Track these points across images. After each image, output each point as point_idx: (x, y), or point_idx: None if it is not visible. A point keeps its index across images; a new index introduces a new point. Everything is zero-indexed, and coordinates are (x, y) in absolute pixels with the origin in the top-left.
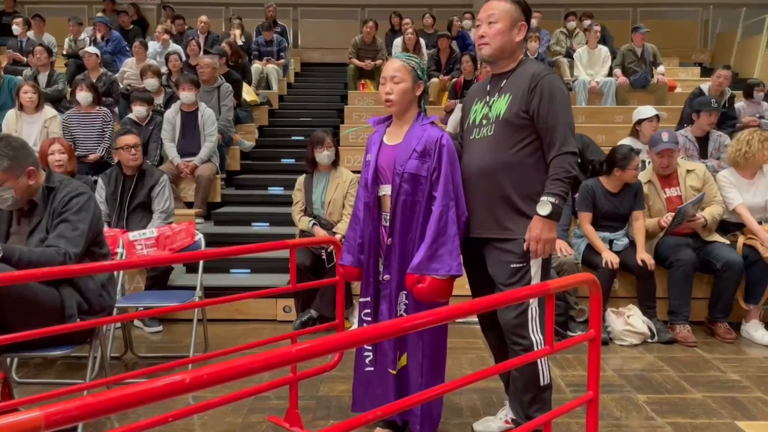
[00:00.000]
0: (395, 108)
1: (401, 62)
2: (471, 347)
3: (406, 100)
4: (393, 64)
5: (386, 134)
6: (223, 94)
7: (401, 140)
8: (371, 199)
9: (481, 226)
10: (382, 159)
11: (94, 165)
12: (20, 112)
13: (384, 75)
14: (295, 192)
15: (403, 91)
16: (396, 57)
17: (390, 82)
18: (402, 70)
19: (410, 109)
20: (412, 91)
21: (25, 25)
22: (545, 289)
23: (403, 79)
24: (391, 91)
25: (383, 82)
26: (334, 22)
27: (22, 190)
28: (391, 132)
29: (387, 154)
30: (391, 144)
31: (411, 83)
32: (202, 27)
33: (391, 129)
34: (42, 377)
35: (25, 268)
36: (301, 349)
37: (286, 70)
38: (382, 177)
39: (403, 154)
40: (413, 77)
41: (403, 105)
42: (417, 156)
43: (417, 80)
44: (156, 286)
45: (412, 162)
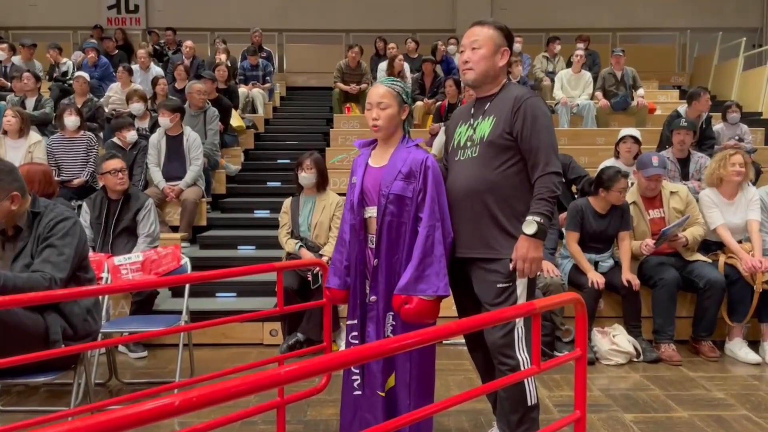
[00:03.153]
0: (382, 133)
1: (386, 88)
2: (458, 369)
3: (392, 124)
4: (378, 90)
5: (371, 157)
6: (209, 118)
7: (386, 162)
8: (357, 220)
9: (466, 246)
10: (368, 181)
11: (79, 189)
12: (4, 137)
13: (370, 101)
14: (281, 214)
15: (389, 117)
16: (381, 83)
17: (376, 108)
18: (388, 95)
19: (396, 133)
20: (398, 116)
21: (10, 51)
22: (531, 308)
23: (390, 104)
24: (377, 117)
25: (369, 108)
26: (319, 46)
27: (4, 213)
28: (376, 154)
29: (373, 177)
30: (376, 166)
31: (397, 108)
32: (188, 52)
33: (376, 152)
34: (25, 405)
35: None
36: (290, 371)
37: (271, 94)
38: (367, 199)
39: (388, 176)
40: (399, 102)
41: (390, 130)
42: (402, 177)
43: (402, 104)
44: (141, 310)
45: (397, 183)
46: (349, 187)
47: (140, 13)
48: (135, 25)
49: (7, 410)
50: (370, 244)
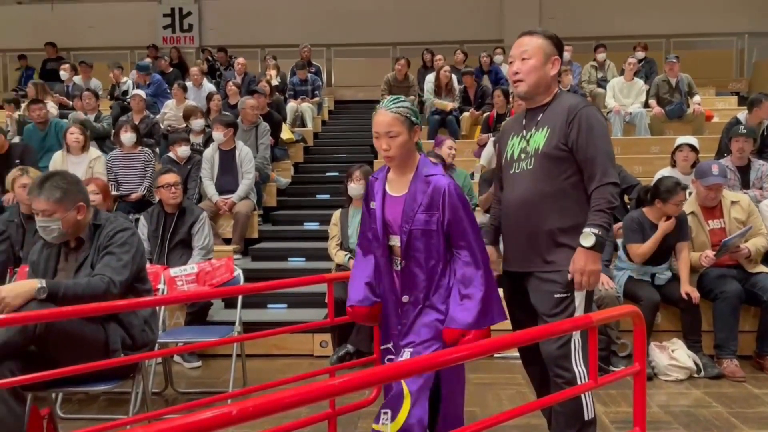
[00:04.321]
0: (396, 162)
1: (393, 114)
2: (510, 383)
3: (405, 151)
4: (384, 119)
5: (388, 182)
6: (260, 133)
7: (406, 191)
8: (383, 250)
9: (522, 260)
10: (388, 212)
11: (136, 203)
12: (67, 154)
13: (377, 130)
14: (331, 226)
15: (401, 145)
16: (384, 109)
17: (385, 138)
18: (395, 123)
19: (411, 157)
20: (410, 141)
21: (72, 71)
22: (588, 321)
23: (399, 132)
24: (388, 147)
25: (377, 137)
26: (367, 60)
27: (69, 223)
28: (392, 181)
29: (392, 208)
30: (395, 195)
31: (407, 134)
32: (239, 68)
33: (392, 176)
34: (85, 412)
35: (70, 301)
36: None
37: (320, 108)
38: (390, 229)
39: (408, 209)
40: (408, 126)
41: (404, 157)
42: (423, 210)
43: (412, 127)
44: (195, 321)
45: (419, 217)
46: (366, 210)
47: (194, 32)
48: (189, 44)
49: (69, 417)
50: (396, 267)
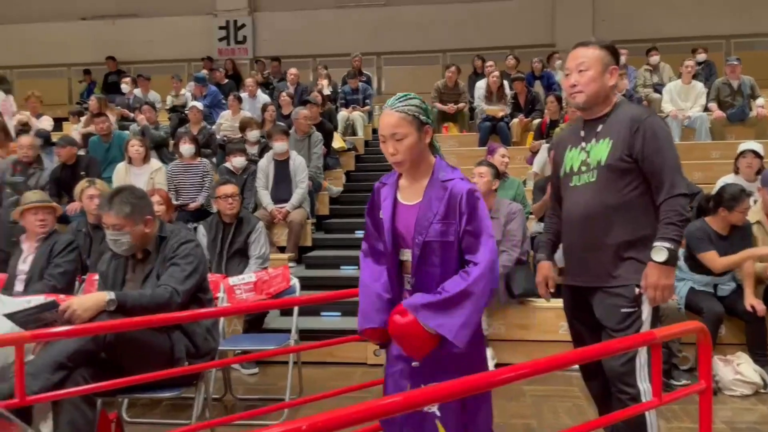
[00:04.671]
0: (405, 167)
1: (399, 114)
2: (567, 395)
3: (415, 154)
4: (390, 119)
5: (400, 189)
6: (313, 142)
7: (420, 199)
8: (392, 265)
9: (586, 274)
10: (401, 222)
11: (195, 212)
12: (129, 165)
13: (382, 133)
14: None
15: (409, 148)
16: (390, 108)
17: (391, 140)
18: (402, 123)
19: (424, 161)
20: (421, 142)
21: (132, 84)
22: (651, 338)
23: (406, 133)
24: (395, 151)
25: (383, 140)
26: (417, 67)
27: (138, 236)
28: (405, 188)
29: (405, 217)
30: (407, 203)
31: (416, 134)
32: (292, 79)
33: (404, 183)
34: (148, 417)
35: (137, 312)
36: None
37: (370, 117)
38: (401, 242)
39: (423, 218)
40: (417, 126)
41: (415, 160)
42: (440, 219)
43: (422, 126)
44: (252, 329)
45: (435, 227)
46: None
47: (248, 43)
48: (243, 55)
49: (133, 422)
50: (408, 286)
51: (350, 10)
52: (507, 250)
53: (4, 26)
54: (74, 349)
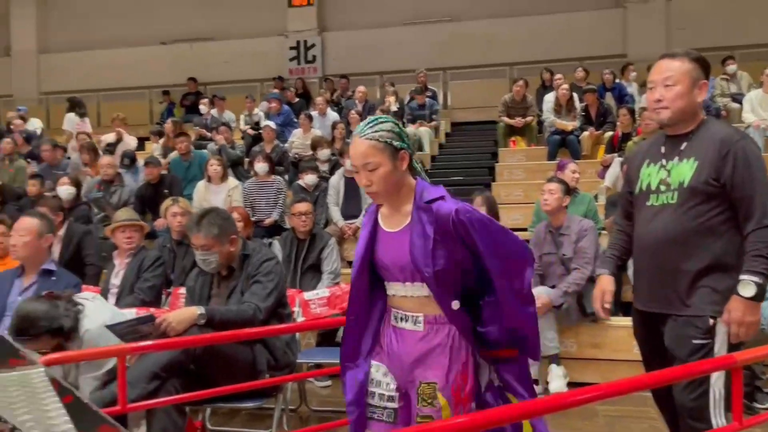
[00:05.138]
0: (382, 197)
1: (369, 143)
2: (643, 416)
3: (392, 183)
4: (359, 149)
5: (381, 216)
6: None
7: (406, 224)
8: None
9: (658, 300)
10: (385, 252)
11: (269, 228)
12: (208, 183)
13: (353, 163)
14: None
15: (383, 178)
16: (359, 136)
17: (363, 170)
18: (372, 152)
19: (404, 186)
20: (397, 170)
21: (210, 105)
22: (731, 362)
23: (379, 162)
24: (369, 182)
25: (356, 171)
26: (483, 81)
27: (224, 255)
28: (386, 213)
29: (390, 246)
30: (391, 230)
31: (390, 163)
32: (360, 96)
33: (385, 210)
34: (230, 425)
35: (224, 326)
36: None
37: (437, 132)
38: (387, 274)
39: (421, 247)
40: (390, 153)
41: (392, 189)
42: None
43: (396, 153)
44: (326, 342)
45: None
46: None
47: (317, 62)
48: (312, 74)
49: (216, 430)
50: (396, 322)
51: (417, 27)
52: (579, 268)
53: (92, 52)
54: (167, 361)
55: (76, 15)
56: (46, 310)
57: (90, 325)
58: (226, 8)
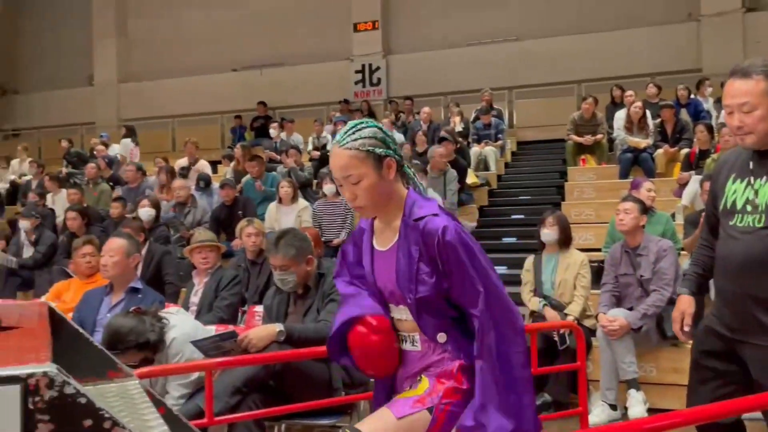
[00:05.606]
0: (370, 211)
1: (348, 153)
2: None
3: (379, 195)
4: (339, 161)
5: (375, 233)
6: (448, 179)
7: (393, 242)
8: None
9: (740, 325)
10: (380, 274)
11: (338, 248)
12: (279, 205)
13: (335, 176)
14: (524, 272)
15: (368, 190)
16: (338, 145)
17: (346, 183)
18: (353, 164)
19: (393, 198)
20: (383, 180)
21: (279, 128)
22: None
23: (362, 174)
24: (353, 195)
25: (339, 184)
26: (550, 100)
27: (301, 275)
28: (379, 230)
29: (383, 267)
30: (382, 249)
31: (374, 173)
32: (425, 117)
33: (378, 224)
34: None
35: (302, 343)
36: None
37: (502, 151)
38: (388, 297)
39: (405, 271)
40: (373, 162)
41: (380, 202)
42: (426, 272)
43: (380, 161)
44: None
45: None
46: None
47: (382, 85)
48: (377, 96)
49: None
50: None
51: (481, 47)
52: (658, 289)
53: (167, 80)
54: (249, 376)
55: (152, 46)
56: (134, 325)
57: (175, 334)
58: (293, 35)
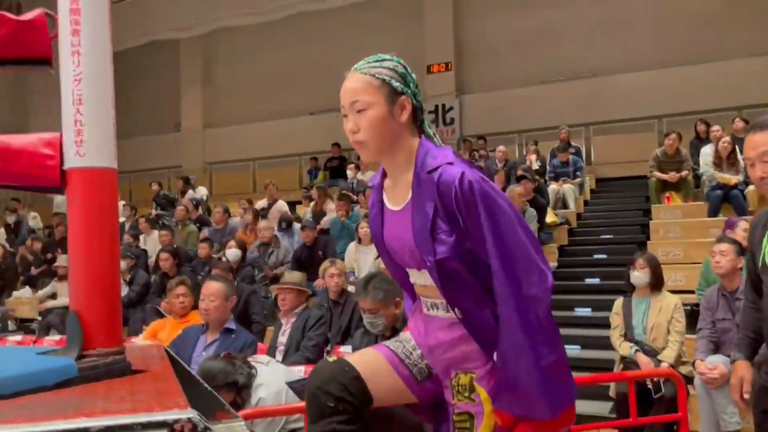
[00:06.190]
0: (371, 151)
1: (362, 77)
2: None
3: (383, 134)
4: (351, 84)
5: (385, 190)
6: (528, 218)
7: (407, 200)
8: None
9: None
10: (391, 236)
11: None
12: (358, 245)
13: (342, 103)
14: (613, 315)
15: (373, 122)
16: (355, 68)
17: (351, 111)
18: (364, 89)
19: (402, 147)
20: (393, 119)
21: (355, 169)
22: None
23: (371, 102)
24: (355, 127)
25: (344, 115)
26: (629, 135)
27: (389, 318)
28: (389, 187)
29: (395, 228)
30: (395, 208)
31: (385, 106)
32: (500, 156)
33: (388, 181)
34: None
35: None
36: None
37: (581, 188)
38: (400, 261)
39: (419, 232)
40: (387, 94)
41: (383, 143)
42: (444, 231)
43: (395, 97)
44: None
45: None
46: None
47: (455, 124)
48: (451, 135)
49: None
50: (427, 310)
51: (556, 84)
52: None
53: (248, 125)
54: None
55: (235, 93)
56: (224, 366)
57: (263, 394)
58: None
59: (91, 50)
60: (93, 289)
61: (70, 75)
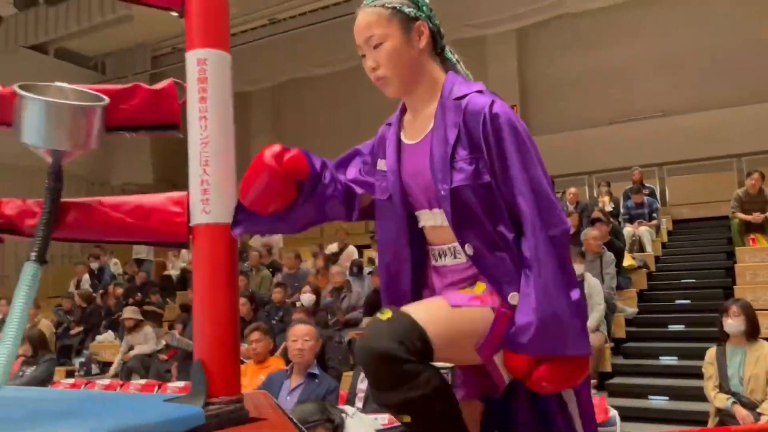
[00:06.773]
0: (395, 85)
1: (372, 11)
2: None
3: (406, 64)
4: (362, 19)
5: (403, 127)
6: (605, 262)
7: (427, 131)
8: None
9: None
10: (408, 172)
11: None
12: None
13: (357, 43)
14: (706, 365)
15: (392, 55)
16: (365, 4)
17: (368, 48)
18: (376, 22)
19: (425, 77)
20: (411, 46)
21: None
22: None
23: (385, 34)
24: (375, 63)
25: (361, 54)
26: (706, 175)
27: None
28: (409, 122)
29: (412, 163)
30: (413, 142)
31: (401, 35)
32: (571, 198)
33: (408, 116)
34: None
35: None
36: None
37: (658, 230)
38: (414, 201)
39: (438, 158)
40: (400, 22)
41: (406, 74)
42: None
43: (410, 23)
44: None
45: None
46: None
47: None
48: None
49: None
50: (436, 261)
51: (625, 124)
52: None
53: None
54: None
55: (301, 141)
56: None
57: None
58: None
59: (217, 115)
60: (215, 338)
61: (198, 138)
